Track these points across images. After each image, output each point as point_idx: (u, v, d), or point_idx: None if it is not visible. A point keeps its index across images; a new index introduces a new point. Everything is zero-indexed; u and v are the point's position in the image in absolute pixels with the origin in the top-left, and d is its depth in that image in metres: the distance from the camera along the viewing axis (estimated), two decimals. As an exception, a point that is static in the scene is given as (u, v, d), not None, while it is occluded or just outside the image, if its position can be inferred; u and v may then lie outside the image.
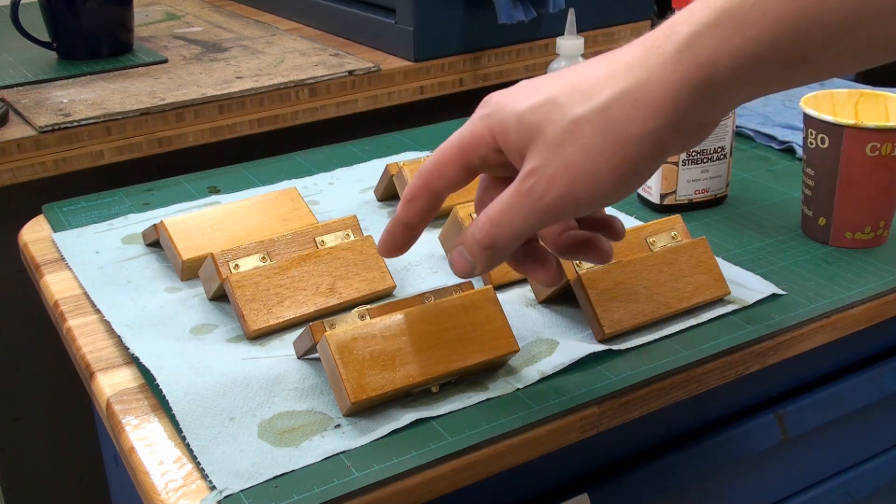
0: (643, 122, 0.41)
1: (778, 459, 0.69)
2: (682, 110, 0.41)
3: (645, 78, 0.41)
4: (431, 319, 0.56)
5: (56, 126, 0.96)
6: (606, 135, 0.41)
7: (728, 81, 0.41)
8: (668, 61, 0.41)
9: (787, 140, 0.92)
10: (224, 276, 0.62)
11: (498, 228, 0.45)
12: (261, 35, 1.31)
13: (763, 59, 0.40)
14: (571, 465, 0.59)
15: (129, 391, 0.57)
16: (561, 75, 0.45)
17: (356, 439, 0.52)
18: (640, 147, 0.41)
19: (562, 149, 0.42)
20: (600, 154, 0.42)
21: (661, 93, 0.41)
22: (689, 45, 0.41)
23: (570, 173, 0.42)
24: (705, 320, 0.62)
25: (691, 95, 0.41)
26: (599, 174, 0.42)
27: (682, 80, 0.41)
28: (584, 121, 0.42)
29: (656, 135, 0.41)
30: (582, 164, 0.42)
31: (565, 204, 0.43)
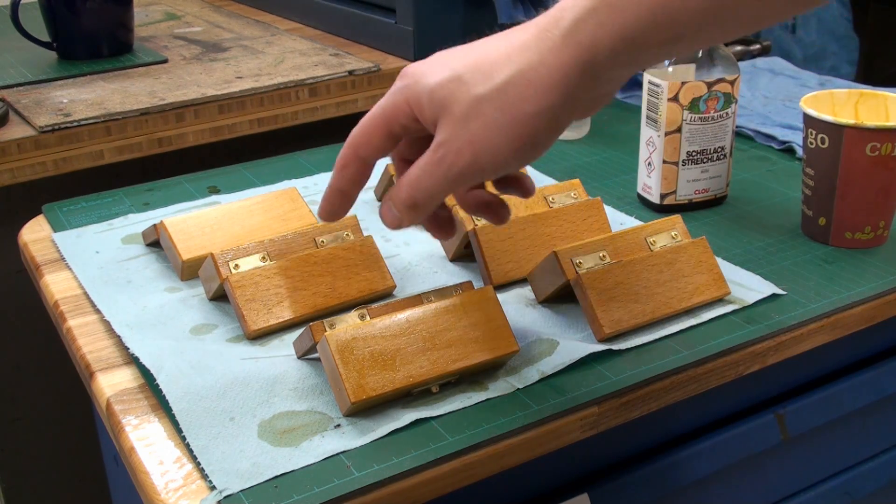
0: (536, 101, 0.46)
1: (778, 459, 0.69)
2: (571, 89, 0.46)
3: (537, 60, 0.46)
4: (431, 319, 0.56)
5: (56, 126, 0.96)
6: (504, 112, 0.46)
7: (609, 61, 0.46)
8: (556, 45, 0.46)
9: (787, 140, 0.92)
10: (224, 276, 0.62)
11: (416, 191, 0.50)
12: (261, 35, 1.31)
13: (639, 40, 0.45)
14: (571, 465, 0.59)
15: (129, 391, 0.57)
16: (470, 49, 0.49)
17: (356, 439, 0.52)
18: (536, 122, 0.46)
19: (467, 124, 0.47)
20: (500, 129, 0.47)
21: (552, 74, 0.46)
22: (573, 30, 0.45)
23: (474, 146, 0.47)
24: (705, 320, 0.62)
25: (578, 75, 0.46)
26: (500, 147, 0.47)
27: (568, 61, 0.46)
28: (485, 99, 0.47)
29: (550, 111, 0.46)
30: (484, 139, 0.47)
31: (472, 172, 0.48)
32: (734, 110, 0.76)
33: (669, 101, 0.75)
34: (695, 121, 0.75)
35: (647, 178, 0.79)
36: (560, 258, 0.61)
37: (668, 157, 0.77)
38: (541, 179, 0.85)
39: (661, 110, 0.75)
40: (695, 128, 0.75)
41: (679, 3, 0.44)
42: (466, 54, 0.49)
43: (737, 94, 0.76)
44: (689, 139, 0.76)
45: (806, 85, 1.09)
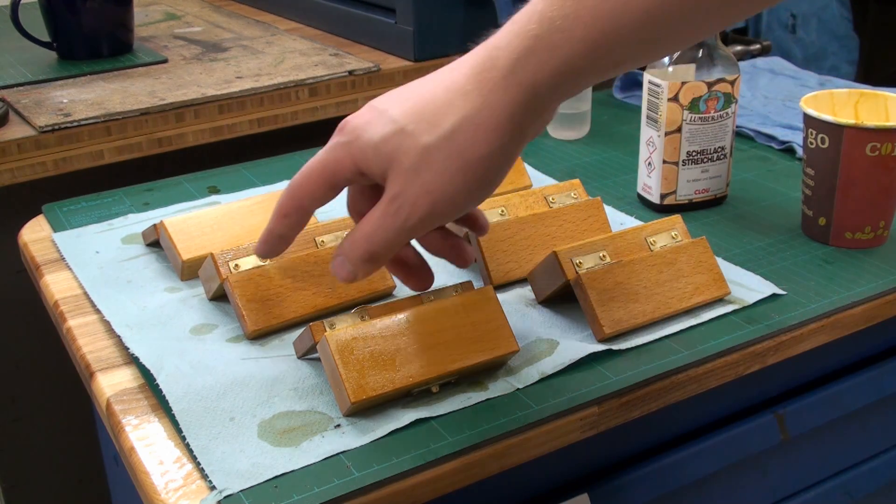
0: (487, 143, 0.47)
1: (778, 459, 0.69)
2: (517, 125, 0.47)
3: (481, 104, 0.47)
4: (431, 319, 0.56)
5: (56, 126, 0.96)
6: (456, 158, 0.47)
7: (551, 94, 0.47)
8: (497, 87, 0.46)
9: (787, 140, 0.92)
10: (224, 276, 0.62)
11: (374, 246, 0.50)
12: (261, 35, 1.31)
13: (579, 71, 0.46)
14: (571, 465, 0.59)
15: (129, 391, 0.57)
16: (406, 97, 0.49)
17: (356, 439, 0.52)
18: (488, 163, 0.47)
19: (418, 175, 0.47)
20: (454, 176, 0.47)
21: (497, 115, 0.46)
22: (513, 71, 0.46)
23: (431, 196, 0.47)
24: (705, 320, 0.62)
25: (522, 113, 0.47)
26: (456, 192, 0.48)
27: (513, 101, 0.46)
28: (434, 148, 0.47)
29: (500, 150, 0.47)
30: (440, 187, 0.47)
31: (431, 221, 0.49)
32: (734, 110, 0.76)
33: (669, 101, 0.75)
34: (695, 121, 0.75)
35: (647, 178, 0.79)
36: (560, 258, 0.61)
37: (669, 157, 0.77)
38: (541, 179, 0.85)
39: (662, 110, 0.75)
40: (695, 128, 0.75)
41: (616, 36, 0.44)
42: (404, 103, 0.49)
43: (737, 94, 0.76)
44: (689, 139, 0.76)
45: (806, 85, 1.09)
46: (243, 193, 0.83)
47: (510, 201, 0.70)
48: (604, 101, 1.08)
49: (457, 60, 0.49)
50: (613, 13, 0.43)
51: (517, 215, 0.69)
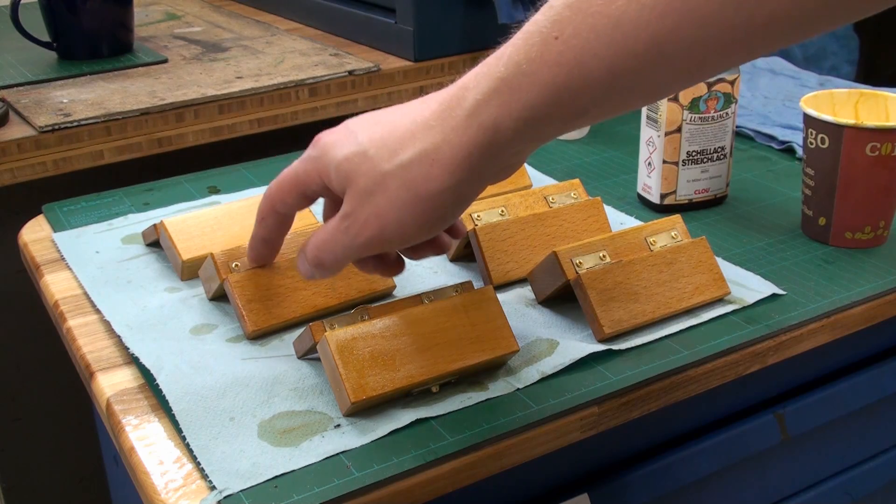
0: (440, 180, 0.47)
1: (778, 459, 0.69)
2: (474, 167, 0.47)
3: (441, 139, 0.47)
4: (431, 319, 0.56)
5: (56, 126, 0.96)
6: (409, 189, 0.47)
7: (512, 139, 0.46)
8: (459, 125, 0.46)
9: (787, 140, 0.92)
10: (224, 276, 0.62)
11: (322, 254, 0.52)
12: (261, 35, 1.31)
13: (542, 118, 0.45)
14: (571, 465, 0.59)
15: (129, 391, 0.57)
16: (378, 121, 0.50)
17: (356, 439, 0.52)
18: (441, 200, 0.47)
19: (371, 198, 0.48)
20: (404, 206, 0.48)
21: (455, 153, 0.46)
22: (475, 111, 0.46)
23: (380, 220, 0.48)
24: (705, 320, 0.62)
25: (481, 155, 0.46)
26: (405, 222, 0.48)
27: (471, 142, 0.46)
28: (390, 175, 0.48)
29: (454, 189, 0.47)
30: (389, 213, 0.48)
31: (378, 243, 0.50)
32: (734, 110, 0.76)
33: (669, 101, 0.75)
34: (695, 121, 0.75)
35: (647, 178, 0.79)
36: (560, 258, 0.61)
37: (668, 157, 0.77)
38: (541, 179, 0.85)
39: (661, 110, 0.75)
40: (695, 128, 0.75)
41: (580, 81, 0.43)
42: (373, 127, 0.50)
43: (737, 93, 0.76)
44: (689, 139, 0.76)
45: (806, 85, 1.09)
46: (243, 193, 0.83)
47: (510, 201, 0.70)
48: (604, 101, 1.08)
49: (431, 94, 0.49)
50: (579, 60, 0.43)
51: (517, 215, 0.69)
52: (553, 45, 0.43)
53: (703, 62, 0.43)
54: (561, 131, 0.47)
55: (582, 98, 0.44)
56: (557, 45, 0.43)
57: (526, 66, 0.44)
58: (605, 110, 0.46)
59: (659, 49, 0.42)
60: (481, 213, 0.68)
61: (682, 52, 0.42)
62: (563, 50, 0.43)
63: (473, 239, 0.67)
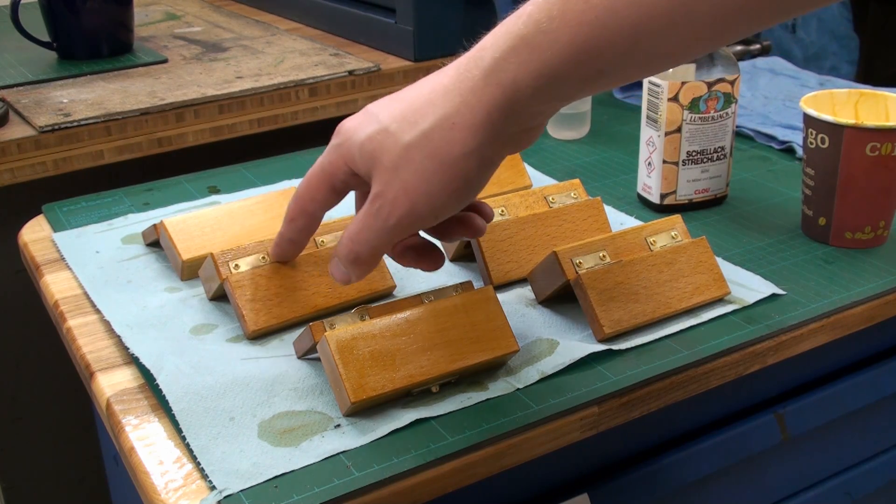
0: (463, 143, 0.46)
1: (778, 459, 0.69)
2: (495, 127, 0.46)
3: (459, 102, 0.46)
4: (431, 319, 0.56)
5: (56, 126, 0.96)
6: (433, 157, 0.47)
7: (531, 98, 0.46)
8: (476, 86, 0.46)
9: (787, 140, 0.92)
10: (224, 276, 0.62)
11: (357, 246, 0.50)
12: (261, 35, 1.31)
13: (560, 77, 0.45)
14: (571, 465, 0.59)
15: (129, 391, 0.57)
16: (397, 99, 0.50)
17: (356, 439, 0.52)
18: (465, 164, 0.47)
19: (398, 174, 0.47)
20: (432, 175, 0.47)
21: (475, 115, 0.46)
22: (493, 70, 0.46)
23: (409, 195, 0.47)
24: (705, 320, 0.62)
25: (500, 114, 0.46)
26: (434, 193, 0.47)
27: (490, 101, 0.46)
28: (413, 147, 0.47)
29: (477, 151, 0.46)
30: (418, 186, 0.47)
31: (410, 221, 0.48)
32: (734, 110, 0.76)
33: (669, 101, 0.75)
34: (695, 121, 0.75)
35: (647, 178, 0.79)
36: (560, 258, 0.61)
37: (668, 157, 0.77)
38: (541, 179, 0.85)
39: (661, 110, 0.75)
40: (695, 128, 0.75)
41: (601, 41, 0.43)
42: (393, 104, 0.49)
43: (737, 94, 0.76)
44: (689, 139, 0.76)
45: (806, 85, 1.09)
46: (243, 193, 0.83)
47: (510, 201, 0.70)
48: (604, 101, 1.08)
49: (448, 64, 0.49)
50: (601, 20, 0.43)
51: (517, 215, 0.69)
52: (575, 4, 0.43)
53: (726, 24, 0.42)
54: (579, 93, 0.47)
55: (602, 58, 0.44)
56: (580, 3, 0.43)
57: (546, 24, 0.44)
58: (624, 73, 0.46)
59: (684, 8, 0.41)
60: (481, 213, 0.68)
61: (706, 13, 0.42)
62: (586, 9, 0.43)
63: (473, 239, 0.67)
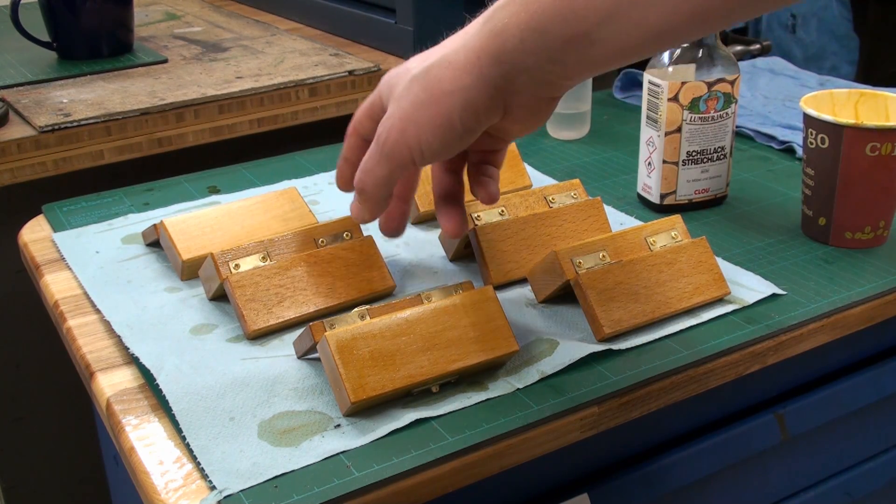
0: (452, 80, 0.49)
1: (778, 459, 0.69)
2: (483, 73, 0.49)
3: (459, 45, 0.50)
4: (431, 319, 0.56)
5: (56, 126, 0.96)
6: (425, 90, 0.50)
7: (517, 49, 0.48)
8: (475, 31, 0.49)
9: (787, 140, 0.92)
10: (224, 276, 0.62)
11: (363, 174, 0.54)
12: (261, 35, 1.31)
13: (545, 31, 0.47)
14: (571, 465, 0.59)
15: (129, 391, 0.57)
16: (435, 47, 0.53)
17: (356, 439, 0.52)
18: (450, 100, 0.49)
19: (399, 102, 0.51)
20: (422, 105, 0.50)
21: (468, 56, 0.49)
22: (489, 17, 0.49)
23: (402, 122, 0.51)
24: (705, 320, 0.62)
25: (488, 60, 0.48)
26: (422, 124, 0.50)
27: (481, 45, 0.49)
28: (415, 79, 0.51)
29: (463, 91, 0.49)
30: (410, 115, 0.50)
31: (401, 150, 0.51)
32: (734, 110, 0.76)
33: (669, 101, 0.75)
34: (695, 121, 0.75)
35: (647, 178, 0.79)
36: (560, 258, 0.61)
37: (668, 157, 0.77)
38: (541, 179, 0.85)
39: (661, 110, 0.75)
40: (695, 128, 0.75)
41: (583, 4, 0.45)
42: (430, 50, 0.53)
43: (737, 94, 0.76)
44: (689, 139, 0.76)
45: (806, 85, 1.09)
46: (243, 193, 0.83)
47: (510, 201, 0.70)
48: (604, 101, 1.08)
49: None
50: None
51: (517, 215, 0.69)
52: None
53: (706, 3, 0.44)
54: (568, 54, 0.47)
55: (586, 19, 0.45)
56: None
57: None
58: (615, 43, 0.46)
59: None
60: (481, 213, 0.68)
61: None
62: None
63: (473, 239, 0.67)
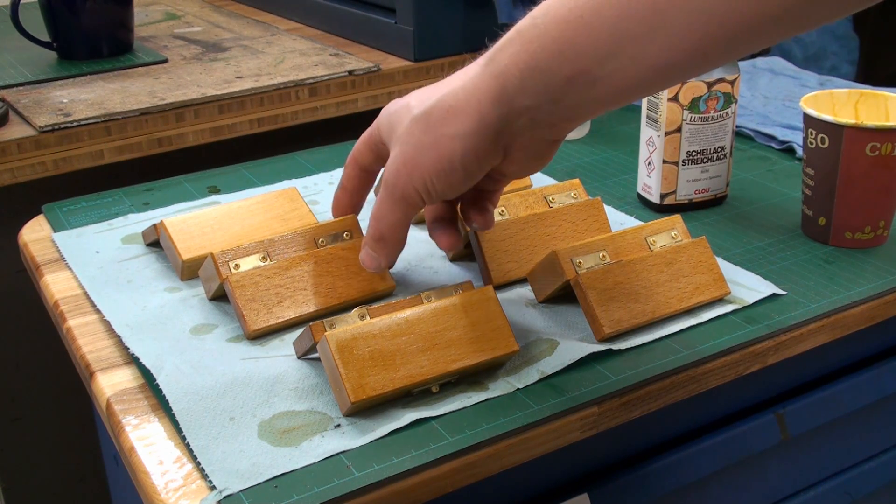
0: (454, 124, 0.49)
1: (778, 459, 0.69)
2: (484, 115, 0.48)
3: (460, 87, 0.49)
4: (431, 319, 0.56)
5: (56, 126, 0.96)
6: (427, 132, 0.50)
7: (518, 89, 0.47)
8: (477, 73, 0.49)
9: (787, 140, 0.92)
10: (224, 276, 0.62)
11: (379, 222, 0.54)
12: (261, 35, 1.31)
13: (546, 70, 0.46)
14: (571, 465, 0.59)
15: (129, 391, 0.57)
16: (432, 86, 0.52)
17: (356, 439, 0.52)
18: (452, 144, 0.49)
19: (402, 144, 0.51)
20: (424, 149, 0.50)
21: (469, 99, 0.49)
22: (491, 59, 0.48)
23: (407, 166, 0.51)
24: (705, 320, 0.62)
25: (490, 102, 0.48)
26: (425, 167, 0.50)
27: (482, 87, 0.48)
28: (416, 121, 0.50)
29: (465, 136, 0.49)
30: (413, 158, 0.50)
31: (410, 193, 0.51)
32: (734, 110, 0.76)
33: (669, 101, 0.75)
34: (695, 121, 0.75)
35: (647, 177, 0.79)
36: (560, 258, 0.61)
37: (668, 157, 0.77)
38: (541, 179, 0.85)
39: (661, 110, 0.75)
40: (695, 128, 0.75)
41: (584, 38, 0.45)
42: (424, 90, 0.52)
43: (737, 93, 0.76)
44: (689, 139, 0.76)
45: (806, 85, 1.09)
46: (243, 193, 0.83)
47: (510, 201, 0.70)
48: (604, 101, 1.08)
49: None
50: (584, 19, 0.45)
51: (517, 215, 0.69)
52: (565, 2, 0.46)
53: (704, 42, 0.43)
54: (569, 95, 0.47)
55: (585, 57, 0.45)
56: (568, 2, 0.46)
57: (540, 19, 0.46)
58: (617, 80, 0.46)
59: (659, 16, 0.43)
60: (481, 213, 0.68)
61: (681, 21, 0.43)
62: (573, 7, 0.45)
63: (473, 239, 0.67)
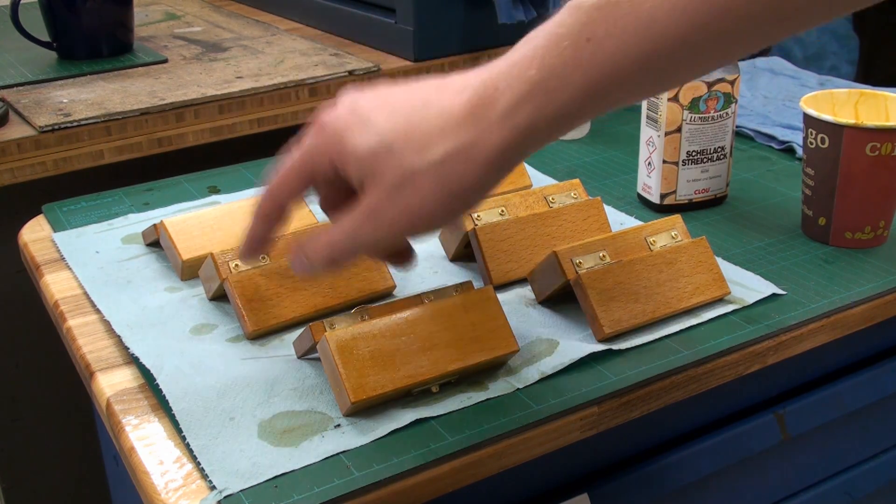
0: (474, 178, 0.48)
1: (778, 459, 0.69)
2: (507, 164, 0.49)
3: (475, 138, 0.47)
4: (431, 319, 0.56)
5: (56, 126, 0.96)
6: (442, 186, 0.48)
7: (548, 136, 0.48)
8: (493, 126, 0.47)
9: (787, 140, 0.92)
10: (224, 276, 0.62)
11: (336, 253, 0.51)
12: (261, 35, 1.31)
13: (574, 117, 0.47)
14: (571, 465, 0.59)
15: (129, 391, 0.57)
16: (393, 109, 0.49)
17: (356, 439, 0.52)
18: (473, 195, 0.49)
19: (400, 194, 0.48)
20: (437, 202, 0.48)
21: (489, 153, 0.47)
22: (510, 114, 0.47)
23: (411, 217, 0.49)
24: (705, 320, 0.62)
25: (514, 152, 0.48)
26: (436, 215, 0.49)
27: (506, 142, 0.47)
28: (420, 172, 0.48)
29: (489, 183, 0.49)
30: (421, 210, 0.49)
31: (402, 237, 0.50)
32: (734, 110, 0.76)
33: (669, 101, 0.75)
34: (695, 121, 0.75)
35: (647, 177, 0.79)
36: (560, 258, 0.61)
37: (668, 157, 0.77)
38: (541, 179, 0.85)
39: (661, 110, 0.75)
40: (695, 128, 0.75)
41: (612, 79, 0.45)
42: (391, 116, 0.49)
43: (737, 93, 0.76)
44: (689, 139, 0.76)
45: (806, 85, 1.09)
46: (243, 193, 0.83)
47: (510, 201, 0.70)
48: (604, 101, 1.08)
49: (451, 79, 0.49)
50: (612, 60, 0.44)
51: (517, 215, 0.69)
52: (586, 48, 0.45)
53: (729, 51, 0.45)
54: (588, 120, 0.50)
55: (614, 94, 0.46)
56: (590, 46, 0.45)
57: (560, 69, 0.45)
58: (633, 99, 0.48)
59: (689, 44, 0.44)
60: (481, 213, 0.68)
61: (710, 44, 0.44)
62: (596, 51, 0.45)
63: (473, 239, 0.67)
